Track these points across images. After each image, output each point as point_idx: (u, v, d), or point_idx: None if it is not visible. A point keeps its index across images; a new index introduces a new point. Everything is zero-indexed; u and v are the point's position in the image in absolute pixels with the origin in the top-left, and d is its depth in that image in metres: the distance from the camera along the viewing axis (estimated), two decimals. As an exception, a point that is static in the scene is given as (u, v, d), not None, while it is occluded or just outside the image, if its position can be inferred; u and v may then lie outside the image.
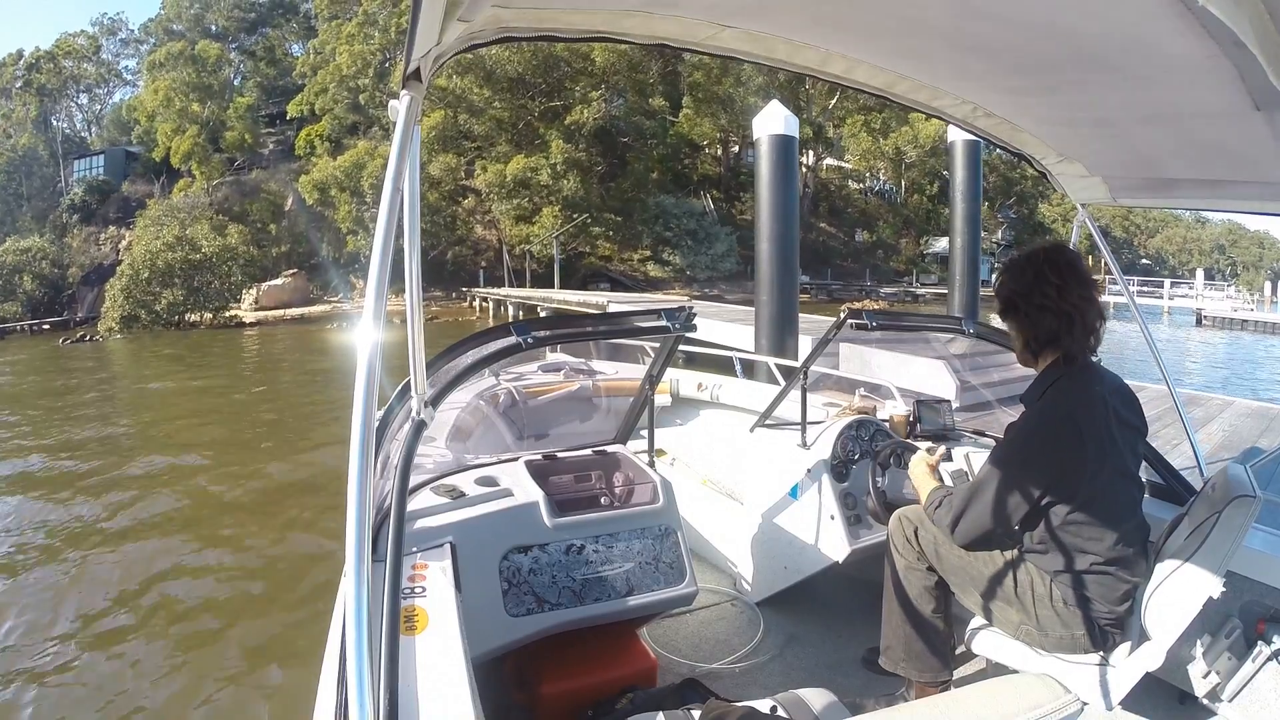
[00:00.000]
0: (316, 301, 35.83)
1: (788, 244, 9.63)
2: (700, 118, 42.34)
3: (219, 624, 4.67)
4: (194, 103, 39.84)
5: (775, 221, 9.51)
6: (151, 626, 4.64)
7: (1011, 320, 1.80)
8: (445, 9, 1.15)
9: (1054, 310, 1.69)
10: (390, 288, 1.11)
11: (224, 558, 5.74)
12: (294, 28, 53.07)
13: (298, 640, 4.34)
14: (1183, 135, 1.75)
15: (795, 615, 2.76)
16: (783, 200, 9.53)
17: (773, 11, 1.66)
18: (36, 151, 44.60)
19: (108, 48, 51.39)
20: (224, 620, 4.71)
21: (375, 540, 1.33)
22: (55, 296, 36.41)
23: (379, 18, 39.30)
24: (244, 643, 4.40)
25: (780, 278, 9.62)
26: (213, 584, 5.24)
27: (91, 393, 14.67)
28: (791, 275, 9.82)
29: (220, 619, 4.74)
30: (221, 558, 5.73)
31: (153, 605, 4.94)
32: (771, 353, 8.68)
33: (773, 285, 9.62)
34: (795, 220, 9.82)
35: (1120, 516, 1.68)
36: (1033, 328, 1.74)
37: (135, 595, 5.09)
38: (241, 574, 5.45)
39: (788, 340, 9.57)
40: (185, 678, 4.04)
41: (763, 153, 9.62)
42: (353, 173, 34.05)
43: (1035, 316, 1.72)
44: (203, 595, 5.06)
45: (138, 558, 5.73)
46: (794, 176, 9.91)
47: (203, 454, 9.11)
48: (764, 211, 9.60)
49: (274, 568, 5.54)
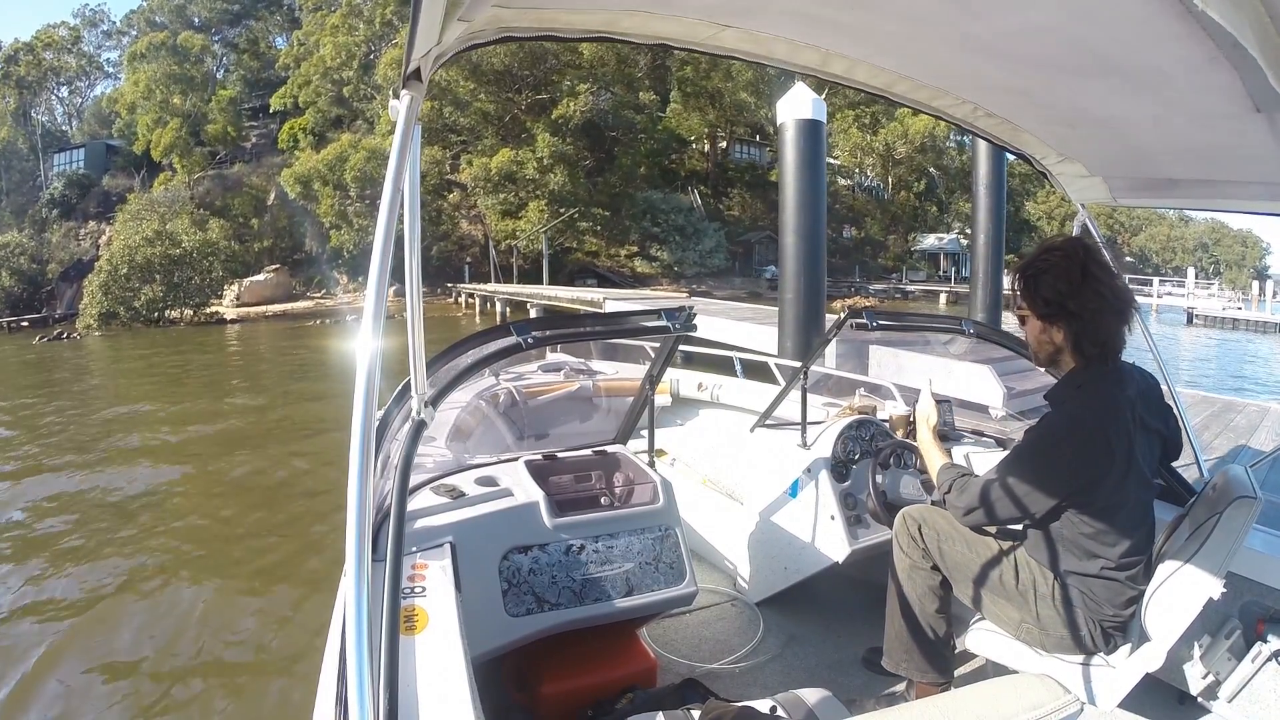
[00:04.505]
0: (300, 297, 35.54)
1: (815, 239, 8.87)
2: (688, 112, 42.36)
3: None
4: (175, 95, 39.34)
5: (802, 214, 8.77)
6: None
7: (1060, 322, 1.67)
8: (445, 9, 1.14)
9: (1112, 308, 1.64)
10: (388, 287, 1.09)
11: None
12: (278, 20, 52.44)
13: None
14: (1183, 136, 1.75)
15: (795, 615, 2.77)
16: (810, 191, 8.78)
17: (773, 12, 1.65)
18: (15, 145, 43.85)
19: (89, 39, 50.66)
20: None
21: (375, 540, 1.33)
22: (34, 293, 35.86)
23: (363, 9, 38.99)
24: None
25: (808, 275, 8.86)
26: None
27: (59, 400, 13.67)
28: (818, 273, 9.00)
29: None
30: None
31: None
32: (797, 357, 7.93)
33: (799, 283, 8.87)
34: (823, 213, 9.04)
35: (1134, 524, 1.68)
36: (1088, 329, 1.65)
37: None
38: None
39: (815, 343, 8.93)
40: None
41: (788, 139, 8.79)
42: (336, 166, 33.75)
43: (1092, 318, 1.64)
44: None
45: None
46: (821, 165, 9.12)
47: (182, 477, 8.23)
48: (789, 203, 8.80)
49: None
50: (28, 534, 6.45)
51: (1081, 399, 1.66)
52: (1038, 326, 1.73)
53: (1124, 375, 1.70)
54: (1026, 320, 1.76)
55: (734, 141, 48.03)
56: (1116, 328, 1.66)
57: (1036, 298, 1.70)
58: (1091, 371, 1.68)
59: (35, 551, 5.98)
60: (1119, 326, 1.66)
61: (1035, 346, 1.77)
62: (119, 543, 6.06)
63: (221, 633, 4.51)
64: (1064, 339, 1.69)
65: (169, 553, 5.85)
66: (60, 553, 5.92)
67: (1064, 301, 1.65)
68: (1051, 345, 1.72)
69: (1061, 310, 1.66)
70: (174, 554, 5.83)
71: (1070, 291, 1.64)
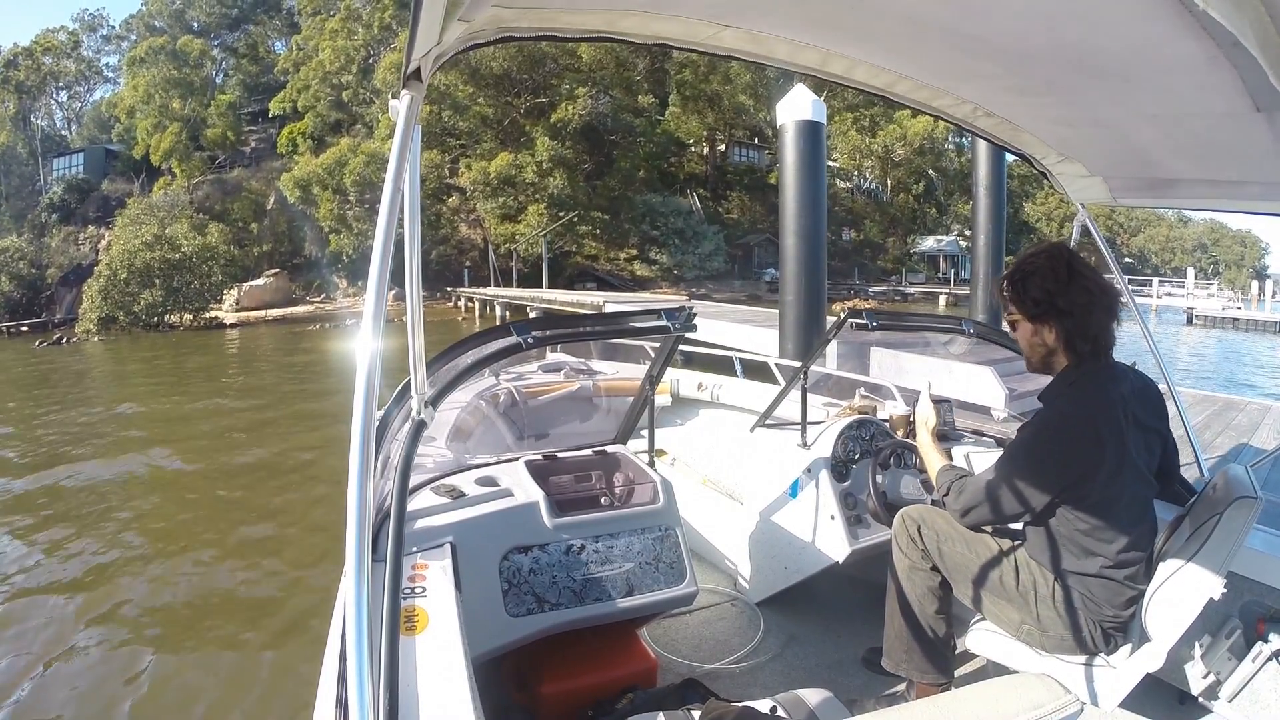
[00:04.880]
0: (299, 302, 35.50)
1: (815, 240, 8.90)
2: (687, 115, 42.40)
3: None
4: (174, 99, 39.40)
5: (802, 215, 8.79)
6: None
7: (1050, 321, 1.69)
8: (446, 9, 1.14)
9: (1100, 304, 1.66)
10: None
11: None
12: (277, 24, 52.52)
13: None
14: (1183, 135, 1.76)
15: (795, 615, 2.77)
16: (810, 192, 8.82)
17: (773, 12, 1.66)
18: (15, 150, 43.84)
19: (88, 44, 50.67)
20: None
21: (375, 540, 1.33)
22: (34, 298, 35.85)
23: (362, 13, 39.00)
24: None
25: (808, 277, 8.89)
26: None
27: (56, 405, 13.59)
28: (819, 274, 9.05)
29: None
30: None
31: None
32: (798, 359, 7.82)
33: (799, 285, 8.91)
34: (823, 214, 9.14)
35: (1132, 521, 1.68)
36: (1079, 325, 1.67)
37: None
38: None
39: (814, 343, 8.99)
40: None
41: (788, 141, 8.85)
42: (335, 170, 33.74)
43: (1082, 314, 1.66)
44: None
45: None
46: (822, 166, 9.22)
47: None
48: (789, 205, 8.85)
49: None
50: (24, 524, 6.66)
51: (1073, 395, 1.68)
52: (1029, 329, 1.74)
53: (1116, 373, 1.72)
54: (1018, 325, 1.77)
55: (733, 144, 48.06)
56: (1106, 323, 1.68)
57: (1025, 299, 1.72)
58: (1084, 369, 1.70)
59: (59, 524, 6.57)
60: (1108, 322, 1.69)
61: (1028, 350, 1.78)
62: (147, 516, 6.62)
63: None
64: (1055, 338, 1.71)
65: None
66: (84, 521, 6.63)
67: (1053, 300, 1.67)
68: (1044, 346, 1.74)
69: (1051, 309, 1.68)
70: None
71: (1058, 289, 1.66)
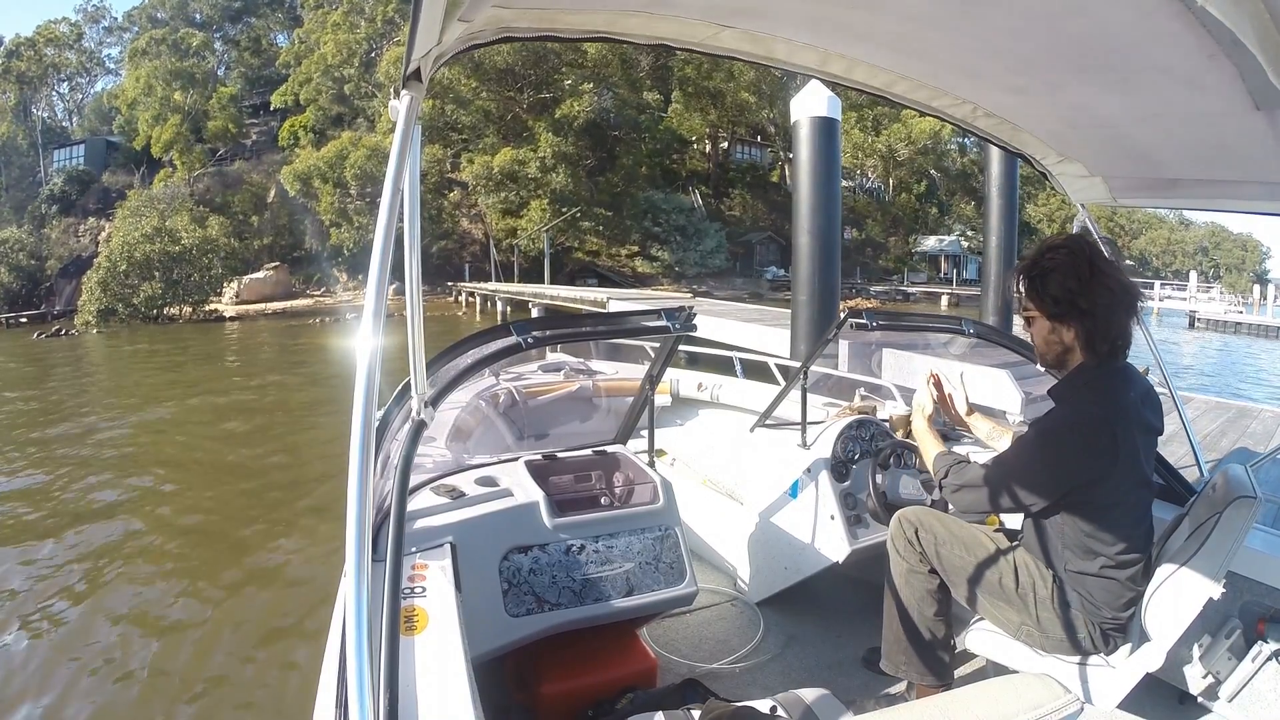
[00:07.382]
0: (299, 295, 35.53)
1: (830, 239, 8.63)
2: (690, 112, 42.33)
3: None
4: (176, 91, 39.34)
5: (817, 214, 8.52)
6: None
7: (1070, 321, 1.63)
8: (446, 9, 1.14)
9: (1122, 303, 1.61)
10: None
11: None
12: (279, 17, 52.51)
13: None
14: (1183, 135, 1.75)
15: (795, 615, 2.76)
16: (825, 190, 8.58)
17: (772, 12, 1.66)
18: (15, 141, 43.88)
19: (90, 35, 50.71)
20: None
21: (375, 540, 1.33)
22: (33, 289, 35.92)
23: (365, 7, 38.98)
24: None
25: (822, 276, 8.61)
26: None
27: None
28: (833, 274, 8.78)
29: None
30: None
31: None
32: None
33: (813, 285, 8.61)
34: (838, 213, 8.85)
35: (1133, 522, 1.67)
36: (1100, 326, 1.61)
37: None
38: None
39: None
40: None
41: (802, 137, 8.57)
42: (336, 164, 33.76)
43: (1104, 315, 1.60)
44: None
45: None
46: (837, 164, 8.99)
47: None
48: (803, 203, 8.60)
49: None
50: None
51: (1090, 396, 1.63)
52: (1046, 327, 1.68)
53: (1129, 375, 1.68)
54: (1033, 321, 1.70)
55: (735, 142, 48.04)
56: (1126, 323, 1.63)
57: (1045, 297, 1.65)
58: (1101, 369, 1.65)
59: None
60: (1129, 321, 1.64)
61: (1043, 347, 1.72)
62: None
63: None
64: (1074, 338, 1.65)
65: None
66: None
67: (1074, 299, 1.61)
68: (1061, 345, 1.68)
69: (1072, 309, 1.62)
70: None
71: (1080, 289, 1.60)
